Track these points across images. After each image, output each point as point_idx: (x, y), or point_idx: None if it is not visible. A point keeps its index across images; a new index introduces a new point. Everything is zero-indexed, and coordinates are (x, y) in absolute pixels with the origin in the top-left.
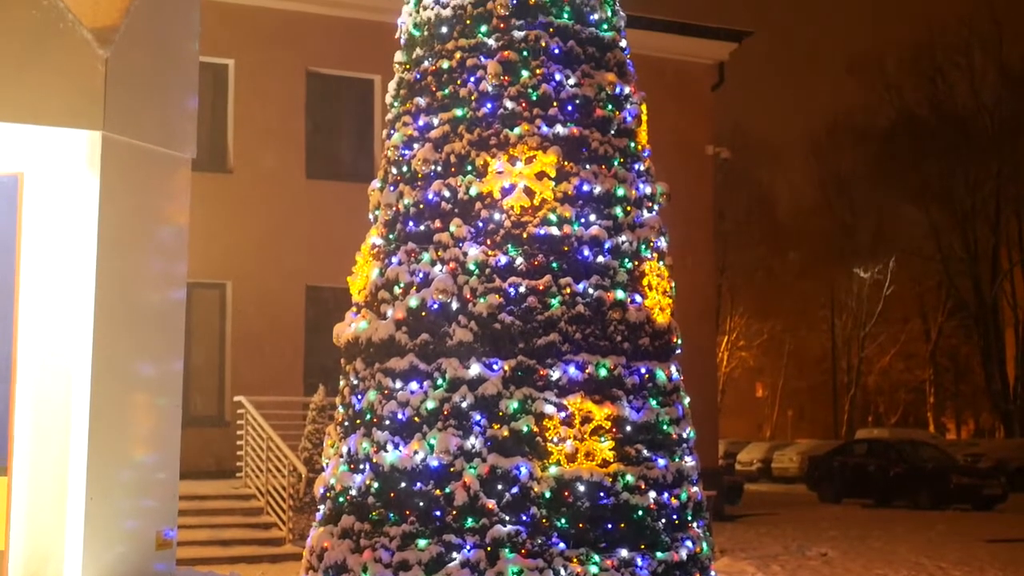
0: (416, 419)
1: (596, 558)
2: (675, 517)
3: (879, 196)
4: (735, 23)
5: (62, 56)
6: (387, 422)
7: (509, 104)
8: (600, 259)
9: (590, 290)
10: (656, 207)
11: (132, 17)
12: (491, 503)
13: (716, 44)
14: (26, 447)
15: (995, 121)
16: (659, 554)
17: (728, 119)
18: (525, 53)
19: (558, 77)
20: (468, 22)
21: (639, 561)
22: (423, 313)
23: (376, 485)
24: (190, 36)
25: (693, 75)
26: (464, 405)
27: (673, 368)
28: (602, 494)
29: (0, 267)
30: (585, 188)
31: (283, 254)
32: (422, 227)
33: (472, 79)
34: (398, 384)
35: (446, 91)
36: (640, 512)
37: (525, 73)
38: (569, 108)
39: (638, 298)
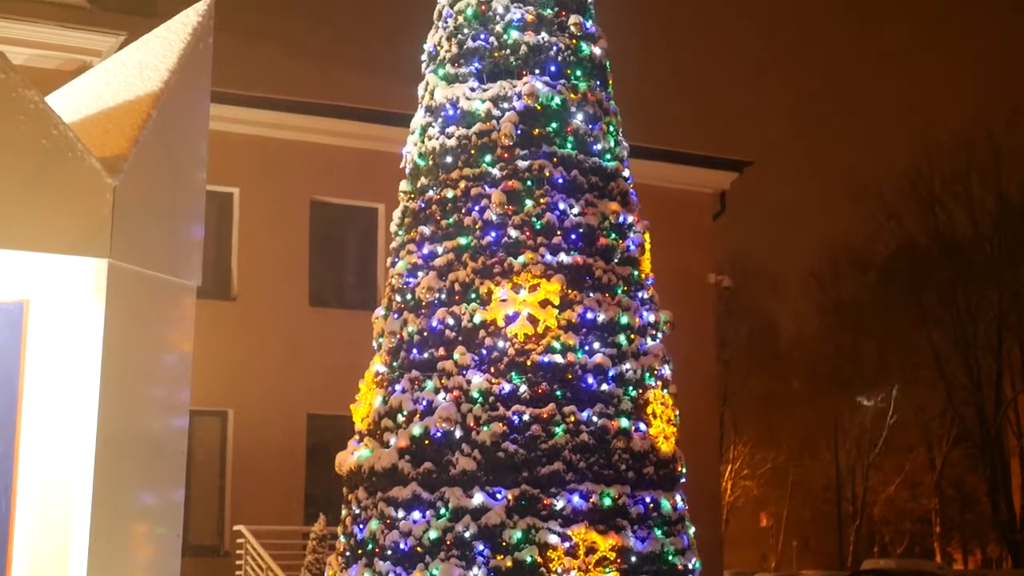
0: (418, 549)
1: None
2: None
3: (881, 324)
4: (736, 153)
5: (70, 184)
6: (389, 552)
7: (513, 233)
8: (604, 387)
9: (594, 418)
10: (660, 335)
11: (141, 147)
12: None
13: (717, 174)
14: None
15: (994, 250)
16: None
17: (729, 247)
18: (529, 183)
19: (562, 206)
20: (473, 152)
21: None
22: (426, 441)
23: None
24: (197, 165)
25: (695, 204)
26: (467, 535)
27: (678, 497)
28: None
29: (3, 394)
30: (589, 316)
31: (285, 382)
32: (426, 355)
33: (476, 208)
34: (400, 513)
35: (450, 220)
36: None
37: (529, 202)
38: (573, 237)
39: (642, 426)
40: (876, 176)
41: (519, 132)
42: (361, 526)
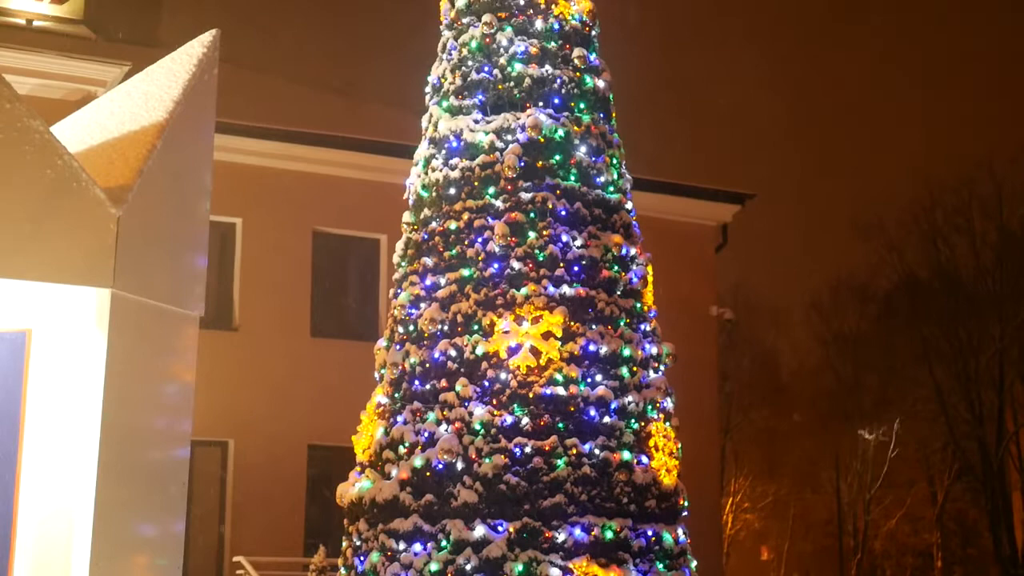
0: None
1: None
2: None
3: (882, 357)
4: (738, 185)
5: (75, 215)
6: None
7: (516, 265)
8: (606, 420)
9: (596, 451)
10: (662, 368)
11: (145, 177)
12: None
13: (719, 206)
14: None
15: (996, 283)
16: None
17: (731, 280)
18: (532, 214)
19: (565, 238)
20: (476, 184)
21: None
22: (428, 473)
23: None
24: (201, 196)
25: (697, 236)
26: (468, 567)
27: (680, 531)
28: None
29: (5, 423)
30: (591, 348)
31: (286, 412)
32: (428, 386)
33: (479, 240)
34: (401, 545)
35: (453, 251)
36: None
37: (532, 234)
38: (575, 269)
39: (644, 459)
40: (878, 209)
41: (522, 164)
42: (362, 558)
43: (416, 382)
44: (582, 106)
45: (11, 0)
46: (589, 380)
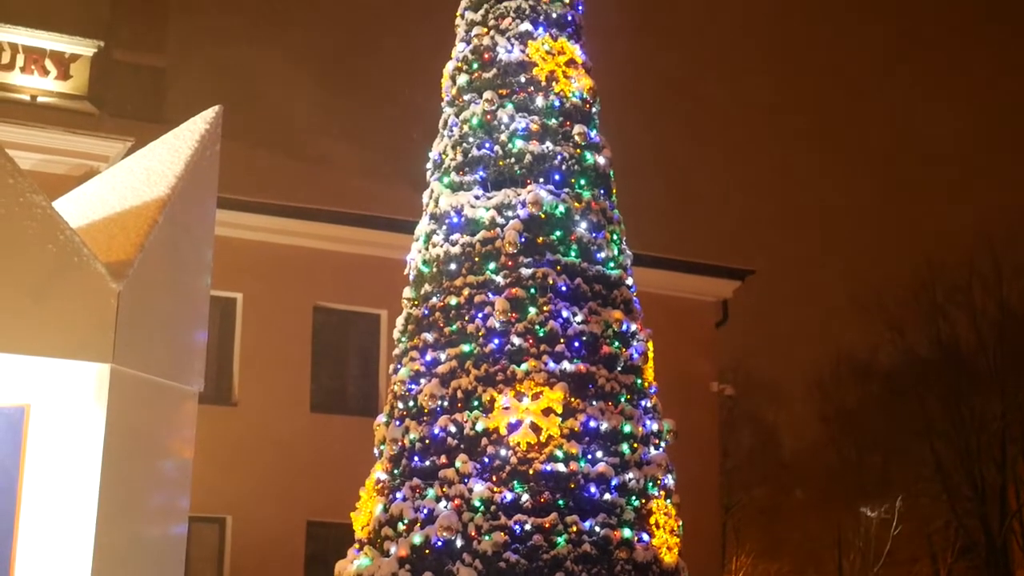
0: None
1: None
2: None
3: (884, 434)
4: (738, 261)
5: (75, 289)
6: None
7: (516, 340)
8: (607, 497)
9: (597, 528)
10: (663, 444)
11: (147, 252)
12: None
13: (720, 282)
14: None
15: (997, 360)
16: None
17: (732, 356)
18: (533, 290)
19: (565, 314)
20: (477, 259)
21: None
22: (427, 551)
23: None
24: (202, 271)
25: (697, 312)
26: None
27: None
28: None
29: (2, 498)
30: (592, 425)
31: (285, 488)
32: (427, 463)
33: (480, 315)
34: None
35: (454, 327)
36: None
37: (532, 310)
38: (576, 345)
39: (645, 537)
40: (878, 286)
41: (523, 240)
42: None
43: (416, 458)
44: (583, 182)
45: (15, 76)
46: (589, 457)
